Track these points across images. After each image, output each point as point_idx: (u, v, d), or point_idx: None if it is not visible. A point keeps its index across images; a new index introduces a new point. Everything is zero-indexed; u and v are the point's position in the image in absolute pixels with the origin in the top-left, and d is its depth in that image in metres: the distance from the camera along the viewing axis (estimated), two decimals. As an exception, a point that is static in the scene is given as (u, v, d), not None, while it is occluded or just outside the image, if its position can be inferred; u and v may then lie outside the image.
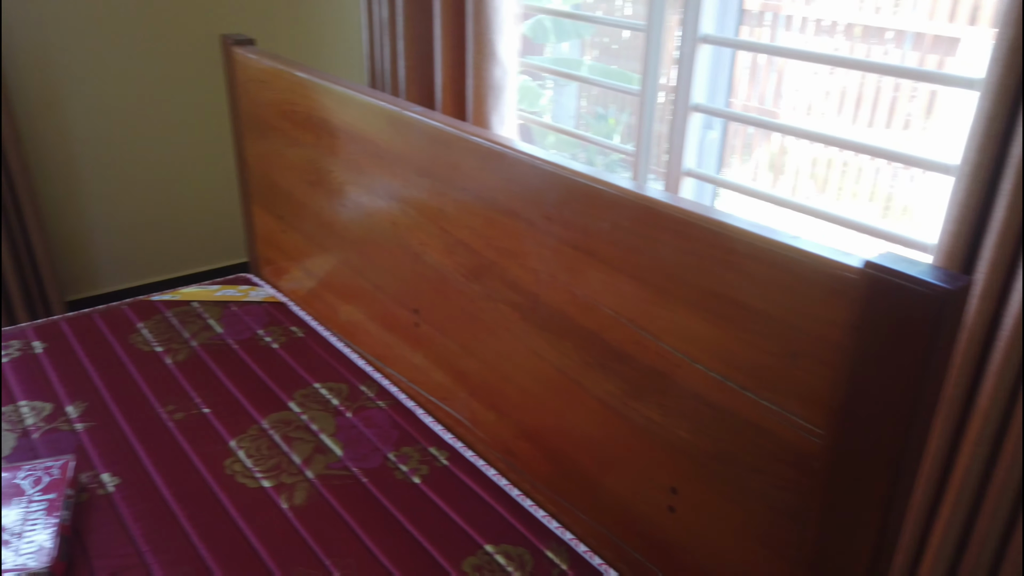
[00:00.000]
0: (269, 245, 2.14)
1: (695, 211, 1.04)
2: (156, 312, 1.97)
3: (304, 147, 1.82)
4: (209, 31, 2.65)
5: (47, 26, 2.34)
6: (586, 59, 4.17)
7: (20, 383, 1.65)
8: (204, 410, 1.60)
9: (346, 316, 1.87)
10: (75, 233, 2.60)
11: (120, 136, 2.58)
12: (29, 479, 1.29)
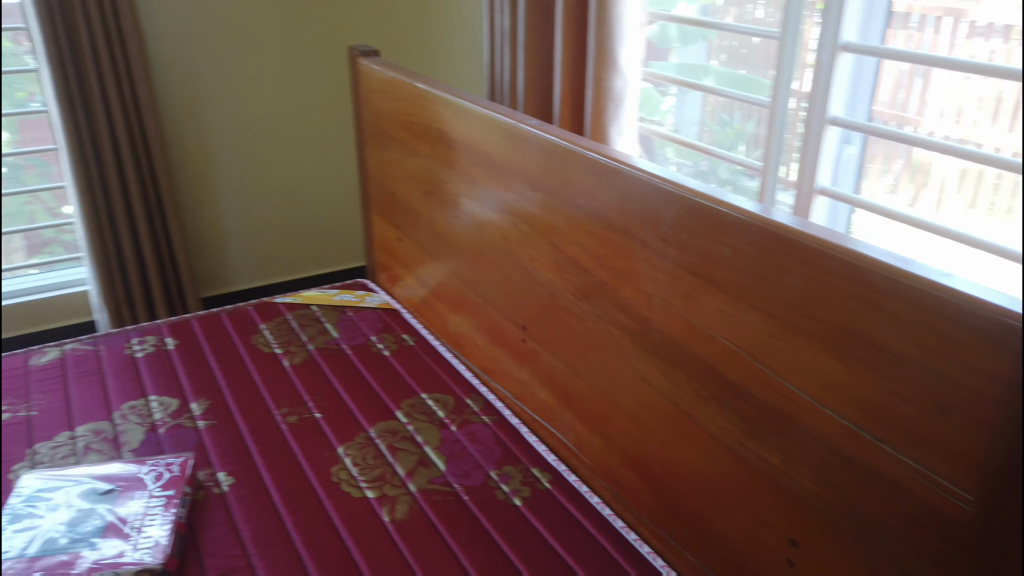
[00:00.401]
0: (386, 252, 2.18)
1: (829, 239, 0.95)
2: (278, 314, 2.04)
3: (421, 157, 1.83)
4: (339, 42, 2.74)
5: (192, 39, 2.48)
6: (713, 63, 4.02)
7: (152, 378, 1.75)
8: (316, 414, 1.63)
9: (455, 327, 1.86)
10: (210, 234, 2.75)
11: (253, 142, 2.71)
12: (152, 474, 1.36)
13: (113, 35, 2.24)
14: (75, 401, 1.65)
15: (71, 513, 1.25)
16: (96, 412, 1.61)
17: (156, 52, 2.44)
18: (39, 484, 1.32)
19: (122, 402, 1.65)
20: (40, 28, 2.15)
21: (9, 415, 1.59)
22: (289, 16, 2.61)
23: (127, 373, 1.75)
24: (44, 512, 1.25)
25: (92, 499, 1.29)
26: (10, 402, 1.63)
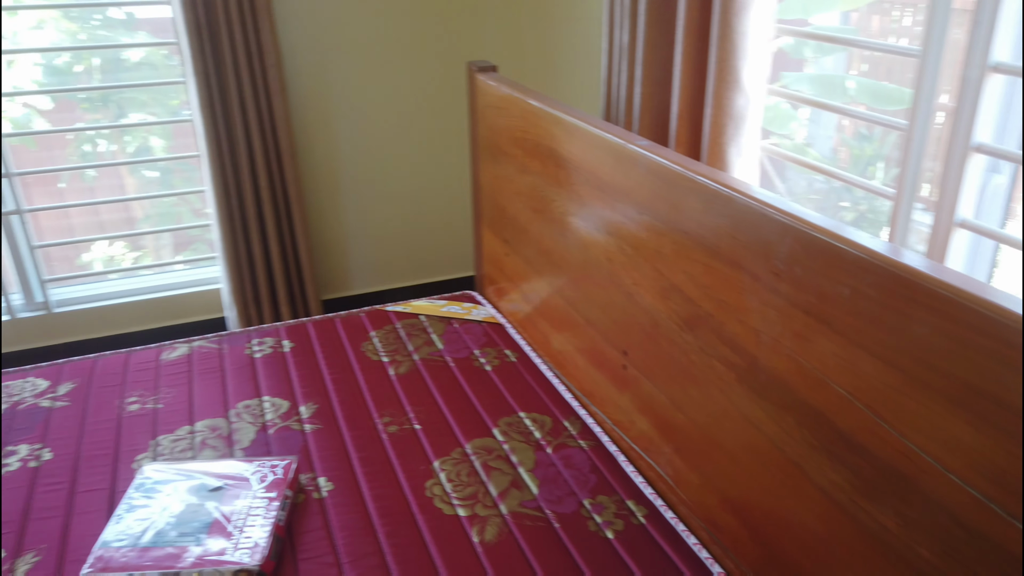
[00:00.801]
0: (494, 266, 2.19)
1: (964, 287, 0.85)
2: (388, 322, 2.09)
3: (531, 174, 1.82)
4: (461, 57, 2.79)
5: (324, 54, 2.60)
6: (852, 74, 3.78)
7: (267, 378, 1.83)
8: (416, 426, 1.66)
9: (557, 346, 1.84)
10: (333, 239, 2.87)
11: (376, 153, 2.81)
12: (257, 475, 1.42)
13: (253, 50, 2.38)
14: (197, 397, 1.75)
15: (181, 507, 1.33)
16: (214, 409, 1.71)
17: (291, 66, 2.57)
18: (157, 476, 1.41)
19: (238, 400, 1.74)
20: (188, 43, 2.31)
21: (138, 406, 1.71)
22: (415, 32, 2.68)
23: (245, 372, 1.85)
24: (158, 504, 1.33)
25: (201, 495, 1.36)
26: (140, 393, 1.75)
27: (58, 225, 2.87)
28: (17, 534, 1.33)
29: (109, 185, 2.95)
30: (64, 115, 2.85)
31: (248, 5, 2.32)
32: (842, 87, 3.45)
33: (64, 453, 1.55)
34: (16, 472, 1.49)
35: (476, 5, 2.73)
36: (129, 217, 3.00)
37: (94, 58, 2.75)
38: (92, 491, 1.44)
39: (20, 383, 1.78)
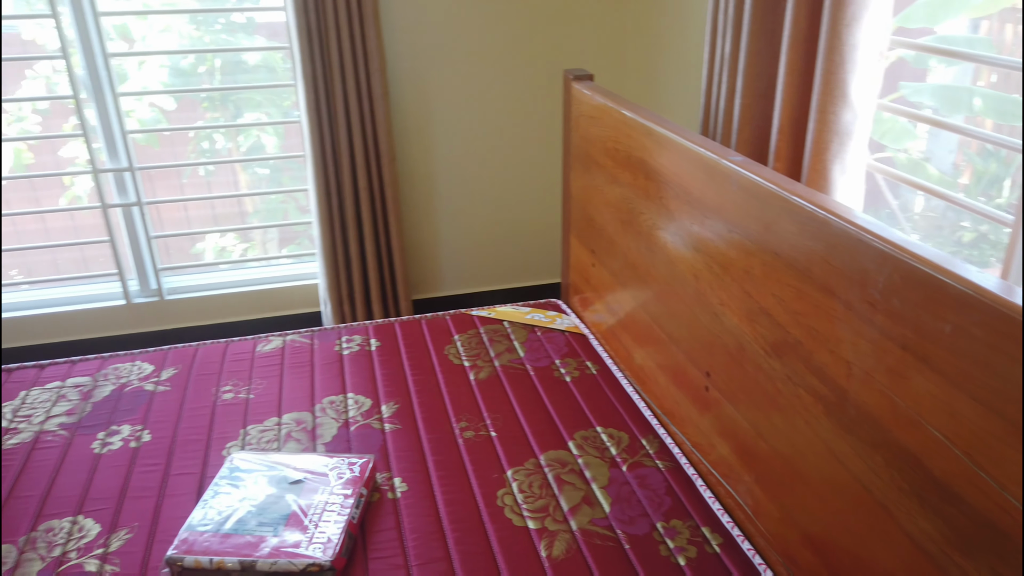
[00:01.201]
0: (580, 276, 2.17)
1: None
2: (472, 327, 2.11)
3: (621, 186, 1.80)
4: (560, 66, 2.78)
5: (425, 60, 2.65)
6: (980, 86, 3.52)
7: (353, 376, 1.88)
8: (492, 433, 1.66)
9: (640, 361, 1.80)
10: (425, 241, 2.92)
11: (472, 157, 2.84)
12: (335, 471, 1.46)
13: (359, 55, 2.45)
14: (286, 390, 1.82)
15: (263, 497, 1.38)
16: (302, 402, 1.77)
17: (394, 71, 2.64)
18: (243, 465, 1.47)
19: (324, 396, 1.80)
20: (299, 47, 2.41)
21: (232, 395, 1.79)
22: (515, 40, 2.70)
23: (333, 369, 1.91)
24: (242, 492, 1.39)
25: (282, 487, 1.41)
26: (234, 383, 1.84)
27: (177, 217, 3.06)
28: (114, 511, 1.42)
29: (224, 181, 3.12)
30: (187, 114, 3.03)
31: (356, 12, 2.40)
32: (968, 100, 3.22)
33: (162, 436, 1.64)
34: (118, 451, 1.59)
35: (577, 13, 2.72)
36: (241, 211, 3.16)
37: (216, 60, 2.91)
38: (184, 474, 1.52)
39: (128, 366, 1.91)
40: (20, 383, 1.83)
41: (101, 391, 1.80)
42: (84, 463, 1.55)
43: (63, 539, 1.35)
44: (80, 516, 1.41)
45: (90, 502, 1.44)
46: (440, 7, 2.60)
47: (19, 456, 1.57)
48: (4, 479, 1.51)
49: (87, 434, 1.64)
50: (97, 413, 1.71)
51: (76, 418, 1.70)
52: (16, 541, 1.35)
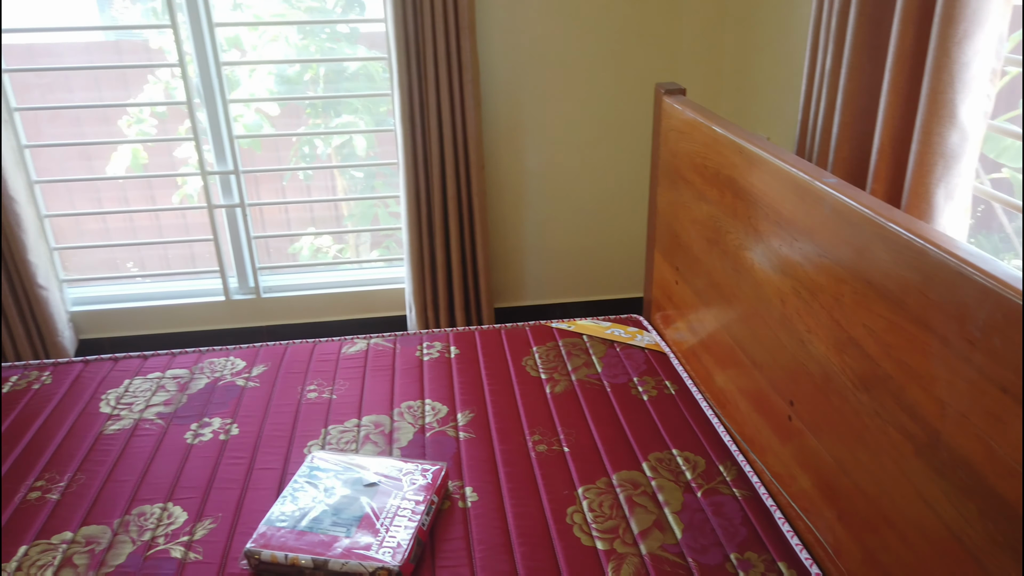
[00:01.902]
0: (663, 292, 2.13)
1: None
2: (551, 339, 2.10)
3: (708, 203, 1.75)
4: (653, 79, 2.75)
5: (518, 71, 2.67)
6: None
7: (431, 382, 1.91)
8: (564, 448, 1.65)
9: (720, 383, 1.75)
10: (510, 250, 2.94)
11: (560, 168, 2.84)
12: (409, 476, 1.48)
13: (454, 65, 2.50)
14: (367, 392, 1.87)
15: (338, 497, 1.42)
16: (381, 406, 1.81)
17: (487, 81, 2.67)
18: (322, 464, 1.52)
19: (403, 400, 1.83)
20: (396, 57, 2.47)
21: (316, 394, 1.86)
22: (609, 52, 2.69)
23: (413, 374, 1.94)
24: (320, 491, 1.44)
25: (357, 489, 1.45)
26: (319, 383, 1.90)
27: (278, 216, 3.20)
28: (200, 500, 1.50)
29: (322, 186, 3.24)
30: (290, 120, 3.16)
31: (453, 24, 2.44)
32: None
33: (249, 430, 1.71)
34: (208, 443, 1.67)
35: (673, 27, 2.68)
36: (337, 213, 3.28)
37: (320, 68, 3.03)
38: (266, 469, 1.59)
39: (223, 361, 2.00)
40: (125, 372, 1.95)
41: (196, 384, 1.90)
42: (177, 452, 1.64)
43: (153, 524, 1.44)
44: (170, 503, 1.49)
45: (180, 490, 1.52)
46: (535, 20, 2.61)
47: (119, 442, 1.68)
48: (106, 462, 1.61)
49: (181, 424, 1.74)
50: (192, 405, 1.81)
51: (172, 408, 1.80)
52: (111, 523, 1.44)
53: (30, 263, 2.53)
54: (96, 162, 2.91)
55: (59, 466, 1.60)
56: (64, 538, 1.40)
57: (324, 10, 2.99)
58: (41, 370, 1.96)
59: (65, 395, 1.85)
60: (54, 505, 1.49)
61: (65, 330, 2.68)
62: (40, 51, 2.73)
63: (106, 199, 2.94)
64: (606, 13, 2.64)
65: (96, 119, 2.82)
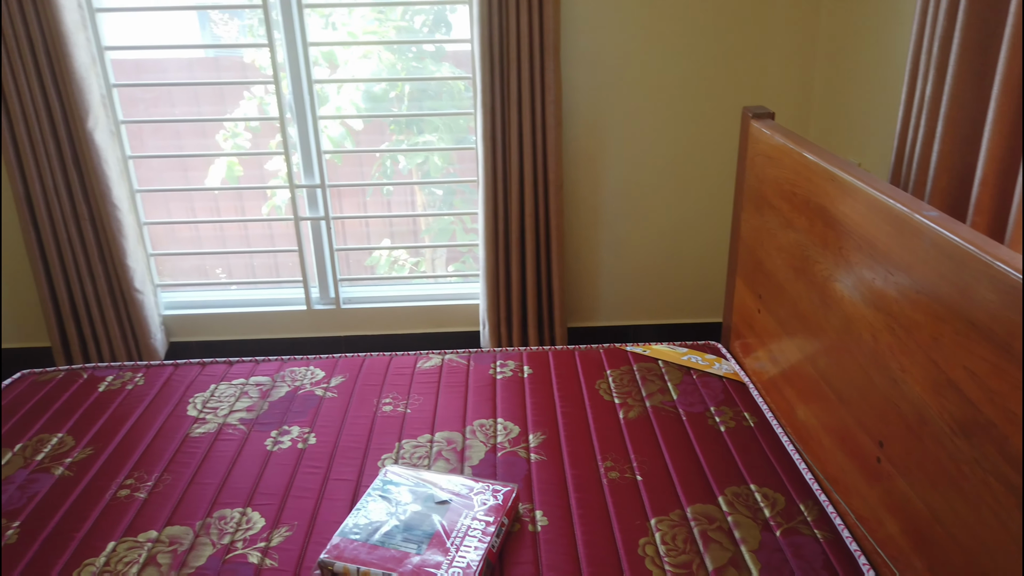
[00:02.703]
0: (743, 320, 2.07)
1: None
2: (625, 362, 2.08)
3: (796, 231, 1.70)
4: (740, 102, 2.70)
5: (601, 92, 2.67)
6: None
7: (504, 401, 1.91)
8: (637, 476, 1.62)
9: (803, 418, 1.69)
10: (585, 270, 2.93)
11: (639, 191, 2.81)
12: (479, 496, 1.48)
13: (537, 86, 2.51)
14: (441, 408, 1.88)
15: (410, 513, 1.43)
16: (454, 423, 1.82)
17: (568, 101, 2.68)
18: (395, 478, 1.54)
19: (476, 418, 1.84)
20: (481, 77, 2.51)
21: (391, 407, 1.88)
22: (693, 74, 2.65)
23: (486, 392, 1.95)
24: (392, 505, 1.45)
25: (429, 506, 1.45)
26: (394, 396, 1.93)
27: (358, 227, 3.27)
28: (278, 507, 1.54)
29: (402, 200, 3.30)
30: (374, 135, 3.24)
31: (538, 45, 2.46)
32: None
33: (326, 440, 1.75)
34: (287, 450, 1.72)
35: (762, 49, 2.63)
36: (415, 226, 3.33)
37: (405, 85, 3.09)
38: (341, 480, 1.61)
39: (303, 370, 2.06)
40: (211, 377, 2.03)
41: (278, 391, 1.95)
42: (257, 458, 1.69)
43: (232, 528, 1.48)
44: (249, 508, 1.53)
45: (259, 496, 1.57)
46: (619, 43, 2.61)
47: (204, 445, 1.74)
48: (191, 464, 1.67)
49: (262, 431, 1.79)
50: (272, 412, 1.86)
51: (254, 415, 1.85)
52: (194, 525, 1.49)
53: (128, 268, 2.67)
54: (192, 173, 3.05)
55: (147, 466, 1.67)
56: (149, 536, 1.46)
57: (412, 29, 3.06)
58: (135, 371, 2.06)
59: (156, 397, 1.93)
60: (141, 504, 1.55)
61: (157, 332, 2.81)
62: (149, 66, 2.88)
63: (199, 208, 3.08)
64: (692, 36, 2.61)
65: (195, 132, 2.96)
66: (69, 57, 2.38)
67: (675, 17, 2.58)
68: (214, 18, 3.08)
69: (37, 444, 1.75)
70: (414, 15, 3.04)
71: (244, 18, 3.02)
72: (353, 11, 2.98)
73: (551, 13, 2.43)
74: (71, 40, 2.38)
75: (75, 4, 2.39)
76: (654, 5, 2.57)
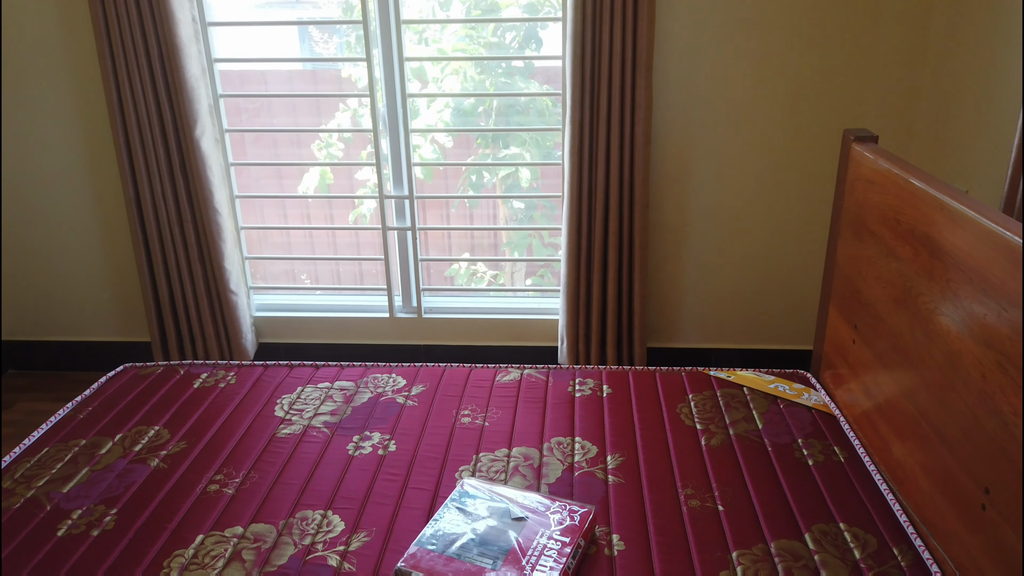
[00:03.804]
0: (836, 350, 1.99)
1: None
2: (708, 387, 2.02)
3: (899, 261, 1.63)
4: (839, 125, 2.61)
5: (693, 111, 2.63)
6: None
7: (582, 419, 1.90)
8: (719, 506, 1.58)
9: (898, 456, 1.60)
10: (668, 290, 2.88)
11: (728, 212, 2.75)
12: (556, 516, 1.47)
13: (627, 104, 2.50)
14: (519, 423, 1.88)
15: (486, 527, 1.43)
16: (531, 438, 1.82)
17: (659, 119, 2.65)
18: (472, 491, 1.54)
19: (553, 435, 1.83)
20: (571, 94, 2.51)
21: (469, 419, 1.89)
22: (790, 95, 2.58)
23: (564, 409, 1.94)
24: (470, 518, 1.46)
25: (505, 521, 1.45)
26: (473, 408, 1.94)
27: (440, 238, 3.32)
28: (357, 511, 1.56)
29: (484, 213, 3.33)
30: (461, 149, 3.29)
31: (631, 62, 2.45)
32: None
33: (405, 449, 1.77)
34: (367, 456, 1.75)
35: (863, 70, 2.53)
36: (496, 239, 3.36)
37: (493, 100, 3.13)
38: (419, 489, 1.63)
39: (385, 377, 2.09)
40: (298, 379, 2.09)
41: (360, 397, 1.99)
42: (339, 462, 1.72)
43: (313, 530, 1.51)
44: (330, 511, 1.56)
45: (339, 500, 1.60)
46: (714, 62, 2.56)
47: (289, 445, 1.79)
48: (276, 464, 1.72)
49: (345, 435, 1.83)
50: (355, 417, 1.90)
51: (338, 419, 1.90)
52: (277, 524, 1.53)
53: (225, 270, 2.78)
54: (286, 181, 3.16)
55: (236, 463, 1.73)
56: (235, 532, 1.51)
57: (502, 45, 3.09)
58: (227, 370, 2.14)
59: (246, 396, 2.00)
60: (229, 499, 1.60)
61: (248, 333, 2.92)
62: (252, 77, 3.01)
63: (290, 215, 3.18)
64: (791, 56, 2.54)
65: (290, 142, 3.07)
66: (182, 68, 2.51)
67: (774, 37, 2.53)
68: (314, 34, 3.19)
69: (135, 435, 1.84)
70: (505, 31, 3.07)
71: (342, 34, 3.12)
72: (445, 28, 3.04)
73: (645, 31, 2.41)
74: (184, 52, 2.51)
75: (189, 18, 2.52)
76: (753, 24, 2.52)
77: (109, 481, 1.67)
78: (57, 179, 2.84)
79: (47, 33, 2.64)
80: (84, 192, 2.85)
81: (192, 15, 2.54)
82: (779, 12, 2.50)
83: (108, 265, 2.96)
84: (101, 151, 2.79)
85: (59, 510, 1.58)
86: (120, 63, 2.52)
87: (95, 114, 2.74)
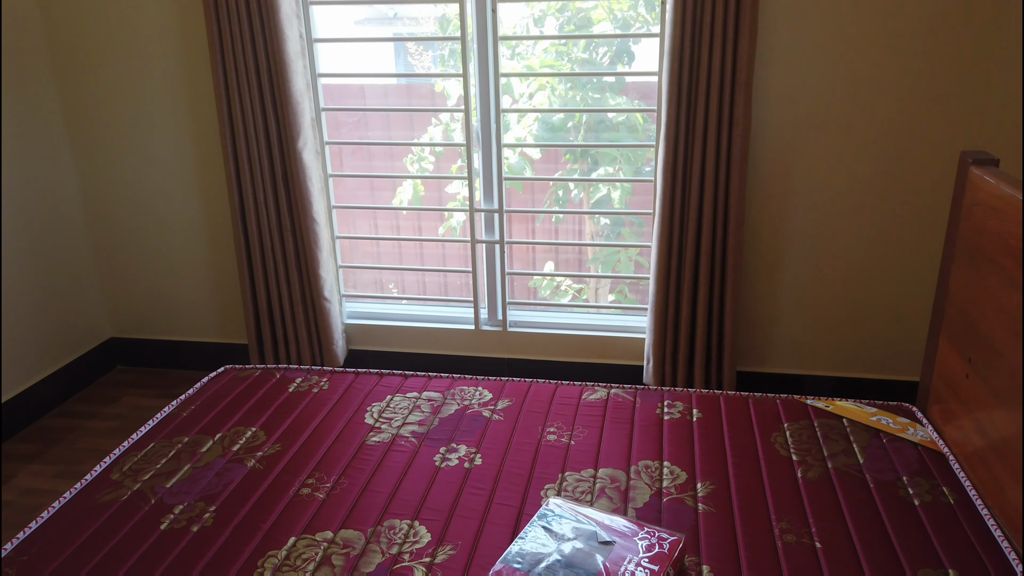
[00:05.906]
0: (945, 383, 1.88)
1: None
2: (805, 417, 1.95)
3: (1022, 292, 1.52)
4: (955, 147, 2.48)
5: (795, 126, 2.55)
6: None
7: (671, 444, 1.85)
8: (816, 543, 1.51)
9: (1014, 501, 1.50)
10: (760, 313, 2.79)
11: (828, 233, 2.65)
12: (644, 542, 1.44)
13: (724, 123, 2.45)
14: (605, 443, 1.85)
15: (573, 549, 1.41)
16: (618, 460, 1.79)
17: (757, 137, 2.58)
18: (558, 511, 1.52)
19: (641, 458, 1.79)
20: (667, 111, 2.48)
21: (555, 437, 1.88)
22: (899, 114, 2.48)
23: (652, 432, 1.90)
24: (556, 539, 1.44)
25: (592, 545, 1.43)
26: (558, 426, 1.92)
27: (526, 256, 3.33)
28: (443, 523, 1.57)
29: (571, 229, 3.32)
30: (548, 164, 3.29)
31: (730, 79, 2.40)
32: None
33: (491, 463, 1.77)
34: (454, 468, 1.76)
35: (981, 89, 2.40)
36: (581, 254, 3.34)
37: (583, 115, 3.12)
38: (504, 505, 1.63)
39: (472, 390, 2.10)
40: (388, 388, 2.13)
41: (447, 408, 2.01)
42: (426, 472, 1.74)
43: (400, 539, 1.53)
44: (416, 521, 1.58)
45: (426, 510, 1.61)
46: (817, 80, 2.48)
47: (378, 453, 1.82)
48: (365, 471, 1.75)
49: (432, 446, 1.84)
50: (442, 428, 1.92)
51: (425, 429, 1.92)
52: (365, 531, 1.56)
53: (320, 277, 2.87)
54: (379, 192, 3.24)
55: (327, 468, 1.77)
56: (326, 536, 1.54)
57: (593, 61, 3.09)
58: (321, 376, 2.20)
59: (337, 403, 2.05)
60: (320, 504, 1.64)
61: (339, 340, 3.00)
62: (352, 91, 3.11)
63: (381, 226, 3.26)
64: (899, 75, 2.43)
65: (384, 154, 3.15)
66: (288, 83, 2.62)
67: (881, 54, 2.42)
68: (410, 49, 3.27)
69: (234, 436, 1.91)
70: (596, 47, 3.06)
71: (436, 49, 3.18)
72: (537, 43, 3.05)
73: (746, 47, 2.36)
74: (291, 67, 2.61)
75: (297, 35, 2.63)
76: (858, 41, 2.42)
77: (209, 479, 1.73)
78: (170, 187, 3.00)
79: (167, 50, 2.80)
80: (193, 199, 3.00)
81: (300, 32, 2.64)
82: (887, 29, 2.40)
83: (212, 270, 3.10)
84: (210, 161, 2.93)
85: (163, 504, 1.65)
86: (232, 77, 2.64)
87: (206, 126, 2.88)
